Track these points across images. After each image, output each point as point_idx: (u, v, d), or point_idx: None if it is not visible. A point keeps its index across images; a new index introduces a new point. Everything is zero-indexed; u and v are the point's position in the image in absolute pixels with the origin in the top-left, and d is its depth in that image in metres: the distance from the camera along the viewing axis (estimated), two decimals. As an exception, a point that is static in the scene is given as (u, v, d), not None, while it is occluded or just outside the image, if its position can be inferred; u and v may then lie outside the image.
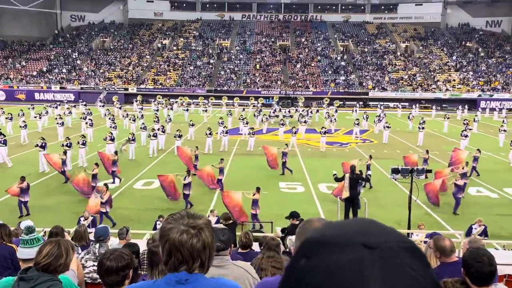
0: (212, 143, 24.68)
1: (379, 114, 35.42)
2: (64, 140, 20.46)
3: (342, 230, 0.76)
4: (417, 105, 46.05)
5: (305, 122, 31.10)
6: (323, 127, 26.88)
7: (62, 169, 18.11)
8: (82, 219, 11.03)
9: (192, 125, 28.21)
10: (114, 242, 6.49)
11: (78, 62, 59.81)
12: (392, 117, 39.79)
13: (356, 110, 42.64)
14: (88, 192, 15.56)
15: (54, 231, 5.69)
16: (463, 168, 16.46)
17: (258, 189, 13.72)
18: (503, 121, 31.75)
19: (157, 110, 36.57)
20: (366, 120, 34.52)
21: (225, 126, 26.42)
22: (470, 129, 26.51)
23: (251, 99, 49.79)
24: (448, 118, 33.83)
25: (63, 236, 5.56)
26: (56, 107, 38.42)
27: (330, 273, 0.68)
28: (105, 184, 14.17)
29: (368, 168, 17.91)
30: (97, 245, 4.90)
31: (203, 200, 16.05)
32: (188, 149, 20.45)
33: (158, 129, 25.05)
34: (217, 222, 11.71)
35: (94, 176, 16.38)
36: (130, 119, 30.54)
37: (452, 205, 15.27)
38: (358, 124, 30.48)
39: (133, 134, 23.33)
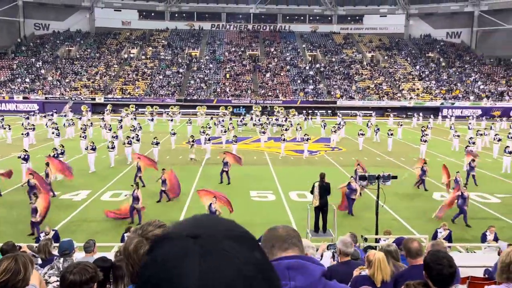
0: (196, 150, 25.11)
1: (338, 122, 36.24)
2: (52, 151, 20.21)
3: (180, 225, 0.83)
4: (374, 113, 47.34)
5: (286, 129, 31.55)
6: (305, 134, 27.80)
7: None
8: (42, 234, 10.55)
9: (174, 133, 28.74)
10: (79, 256, 6.31)
11: (42, 71, 58.15)
12: (354, 125, 40.70)
13: (312, 118, 43.56)
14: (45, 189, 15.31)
15: (5, 248, 5.47)
16: (455, 179, 16.65)
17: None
18: (451, 127, 33.76)
19: (121, 120, 36.25)
20: (324, 128, 35.02)
21: (207, 134, 26.83)
22: (426, 135, 27.75)
23: (229, 108, 50.20)
24: (401, 125, 35.01)
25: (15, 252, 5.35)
26: (28, 118, 37.50)
27: (160, 264, 0.75)
28: (35, 194, 13.77)
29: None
30: (61, 260, 4.75)
31: (174, 207, 15.85)
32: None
33: (133, 137, 25.19)
34: None
35: (32, 187, 15.57)
36: (106, 128, 30.49)
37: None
38: (335, 131, 31.03)
39: (113, 143, 23.31)
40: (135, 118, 38.82)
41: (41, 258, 5.95)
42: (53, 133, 28.17)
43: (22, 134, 26.79)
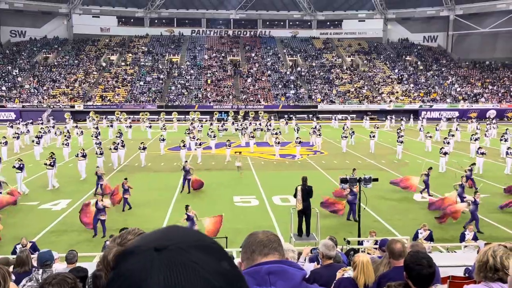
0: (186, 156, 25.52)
1: (314, 126, 36.71)
2: (47, 160, 19.82)
3: (146, 238, 0.82)
4: (349, 116, 48.08)
5: (277, 134, 31.86)
6: (297, 137, 28.64)
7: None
8: (18, 247, 10.23)
9: (163, 139, 28.86)
10: (59, 267, 6.18)
11: (19, 79, 57.00)
12: (331, 128, 41.08)
13: (286, 122, 43.98)
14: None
15: None
16: (460, 184, 16.57)
17: (186, 207, 13.25)
18: (420, 129, 35.84)
19: (97, 128, 36.10)
20: (297, 132, 34.91)
21: (198, 139, 27.25)
22: (402, 136, 28.75)
23: (216, 113, 50.21)
24: (377, 128, 35.59)
25: None
26: (12, 126, 36.98)
27: (125, 279, 0.75)
28: None
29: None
30: (40, 271, 4.64)
31: (155, 217, 15.68)
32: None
33: (119, 143, 25.36)
34: None
35: None
36: (92, 135, 30.40)
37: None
38: (320, 135, 31.38)
39: (101, 148, 23.40)
40: (111, 126, 38.47)
41: (24, 271, 5.79)
42: (33, 141, 27.89)
43: (1, 143, 26.25)
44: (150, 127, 38.26)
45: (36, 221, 15.23)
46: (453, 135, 31.46)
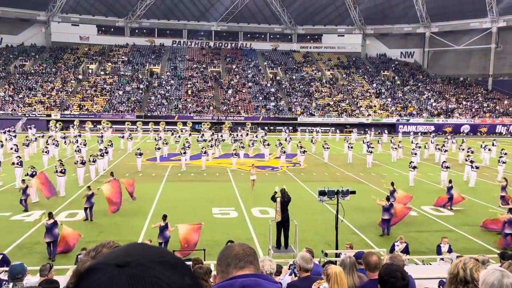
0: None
1: (285, 138, 37.14)
2: (59, 167, 19.59)
3: (108, 255, 0.83)
4: (319, 129, 48.60)
5: (268, 145, 31.86)
6: (302, 147, 30.06)
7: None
8: None
9: (159, 148, 29.32)
10: (32, 280, 6.00)
11: (-6, 86, 55.70)
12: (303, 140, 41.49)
13: (265, 133, 44.16)
14: None
15: None
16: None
17: (164, 217, 12.95)
18: (378, 141, 38.08)
19: (65, 137, 35.60)
20: (265, 146, 34.88)
21: (203, 147, 28.57)
22: (372, 147, 30.32)
23: (207, 124, 50.05)
24: (347, 140, 36.12)
25: None
26: None
27: None
28: None
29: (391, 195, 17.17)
30: (11, 285, 4.50)
31: (133, 227, 15.43)
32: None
33: (103, 150, 25.93)
34: None
35: None
36: (80, 144, 30.33)
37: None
38: (301, 148, 31.59)
39: (94, 156, 23.72)
40: (79, 135, 38.06)
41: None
42: (11, 148, 27.59)
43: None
44: (123, 137, 37.91)
45: (7, 232, 14.77)
46: (419, 147, 32.34)
